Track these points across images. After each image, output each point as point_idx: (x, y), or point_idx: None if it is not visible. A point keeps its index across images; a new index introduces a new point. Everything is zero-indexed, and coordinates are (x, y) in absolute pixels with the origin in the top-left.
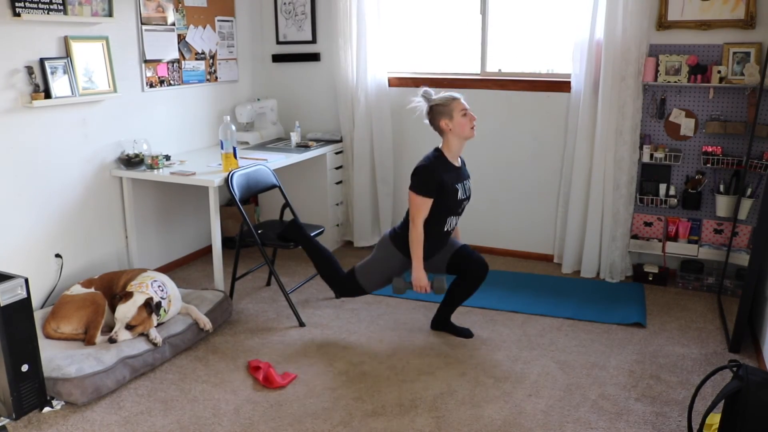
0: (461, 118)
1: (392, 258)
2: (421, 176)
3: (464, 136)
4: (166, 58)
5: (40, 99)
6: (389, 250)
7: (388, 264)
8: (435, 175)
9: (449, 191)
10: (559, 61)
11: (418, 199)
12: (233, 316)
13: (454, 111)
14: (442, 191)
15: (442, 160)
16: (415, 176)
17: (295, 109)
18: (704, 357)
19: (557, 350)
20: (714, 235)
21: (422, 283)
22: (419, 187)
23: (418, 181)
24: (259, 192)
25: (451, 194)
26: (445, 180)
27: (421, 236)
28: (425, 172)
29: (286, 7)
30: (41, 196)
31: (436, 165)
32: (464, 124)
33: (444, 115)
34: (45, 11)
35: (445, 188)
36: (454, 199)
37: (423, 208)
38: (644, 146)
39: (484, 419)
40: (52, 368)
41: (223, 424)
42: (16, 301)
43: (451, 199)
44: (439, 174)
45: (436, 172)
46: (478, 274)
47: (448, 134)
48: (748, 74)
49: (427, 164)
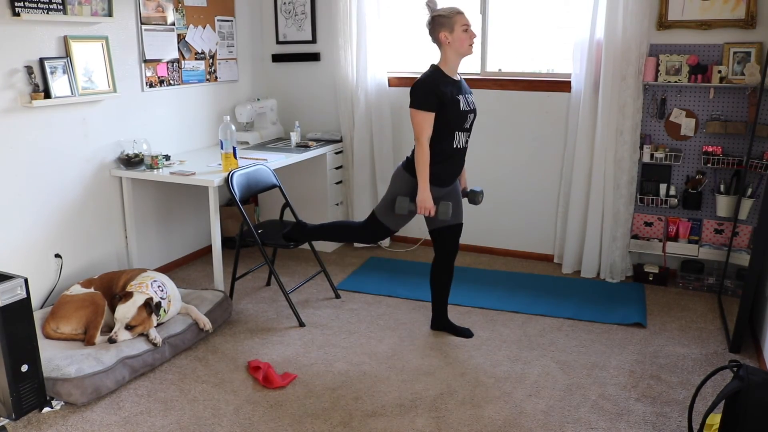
0: (462, 33)
1: (408, 185)
2: (420, 90)
3: (462, 51)
4: (165, 57)
5: (39, 99)
6: (404, 179)
7: (405, 194)
8: (433, 88)
9: (450, 102)
10: (559, 61)
11: (419, 115)
12: (233, 316)
13: (456, 24)
14: (443, 104)
15: (439, 74)
16: (414, 92)
17: (294, 108)
18: (705, 357)
19: (557, 350)
20: (714, 235)
21: (427, 205)
22: (419, 102)
23: (416, 97)
24: (259, 192)
25: (453, 105)
26: (444, 92)
27: (426, 156)
28: (423, 86)
29: (286, 6)
30: (41, 195)
31: (434, 78)
32: (464, 39)
33: (445, 27)
34: (44, 11)
35: (445, 100)
36: (456, 110)
37: (426, 124)
38: (644, 146)
39: (484, 419)
40: (52, 368)
41: (223, 424)
42: (16, 301)
43: (453, 110)
44: (437, 86)
45: (434, 85)
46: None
47: (446, 48)
48: (748, 74)
49: (424, 78)
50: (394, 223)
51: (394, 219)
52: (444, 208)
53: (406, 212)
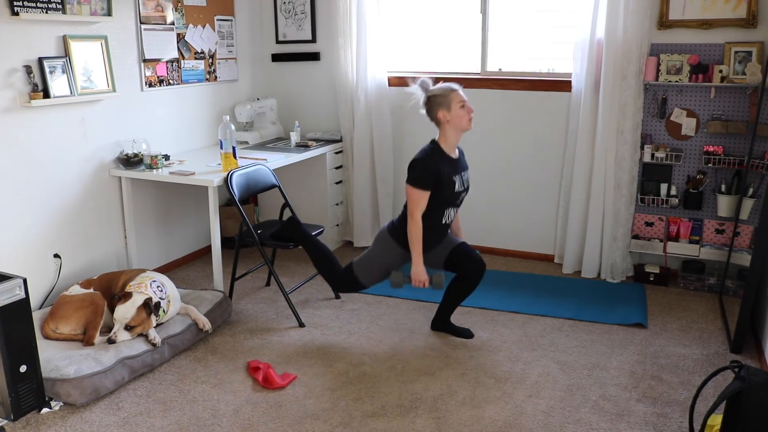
0: (459, 110)
1: (391, 251)
2: (418, 169)
3: (462, 128)
4: (165, 57)
5: (38, 98)
6: (388, 244)
7: (386, 258)
8: (431, 168)
9: (446, 183)
10: (559, 61)
11: (415, 193)
12: (232, 316)
13: (452, 102)
14: (439, 184)
15: (439, 153)
16: (412, 169)
17: (294, 108)
18: (706, 358)
19: (558, 351)
20: (715, 235)
21: (421, 278)
22: (416, 180)
23: (414, 175)
24: (258, 192)
25: (449, 186)
26: (442, 172)
27: (419, 230)
28: (421, 165)
29: (286, 6)
30: (40, 195)
31: (433, 157)
32: (462, 116)
33: (442, 107)
34: (43, 10)
35: (442, 180)
36: (451, 191)
37: (421, 201)
38: (645, 146)
39: (484, 420)
40: (51, 369)
41: (223, 425)
42: (15, 301)
43: (448, 191)
44: (435, 166)
45: (432, 165)
46: (476, 272)
47: (446, 126)
48: (749, 73)
49: (423, 157)
50: (367, 281)
51: (368, 277)
52: (437, 280)
53: (401, 286)
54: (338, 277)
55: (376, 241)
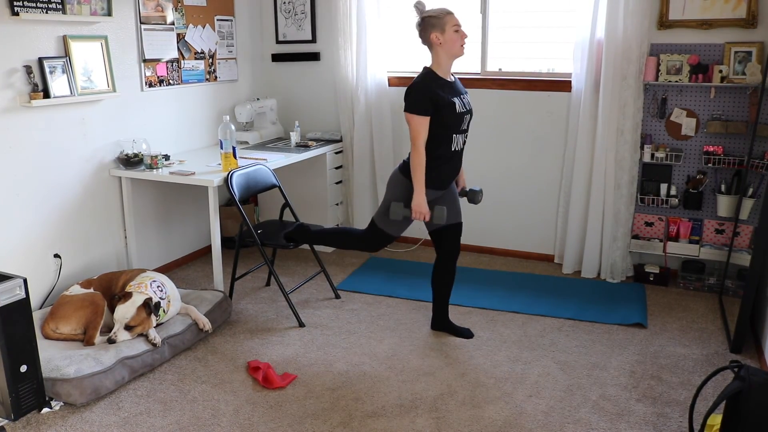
0: (453, 34)
1: (406, 190)
2: (414, 94)
3: (454, 52)
4: (165, 57)
5: (38, 98)
6: (401, 183)
7: (404, 198)
8: (427, 91)
9: (446, 105)
10: (559, 61)
11: (415, 119)
12: (233, 316)
13: (447, 25)
14: (439, 106)
15: (433, 76)
16: (408, 96)
17: (294, 108)
18: (705, 357)
19: (558, 351)
20: (715, 235)
21: (422, 209)
22: (413, 106)
23: (411, 101)
24: (258, 192)
25: (449, 108)
26: (439, 94)
27: (423, 160)
28: (417, 89)
29: (286, 6)
30: (40, 195)
31: (427, 81)
32: (455, 39)
33: (436, 28)
34: (43, 10)
35: (441, 103)
36: (452, 112)
37: (422, 128)
38: (645, 146)
39: (484, 420)
40: (51, 369)
41: (223, 424)
42: (15, 301)
43: (449, 113)
44: (431, 89)
45: (427, 88)
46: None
47: (438, 49)
48: (749, 74)
49: (417, 82)
50: (394, 229)
51: (393, 224)
52: (439, 213)
53: (401, 218)
54: (366, 239)
55: (390, 184)
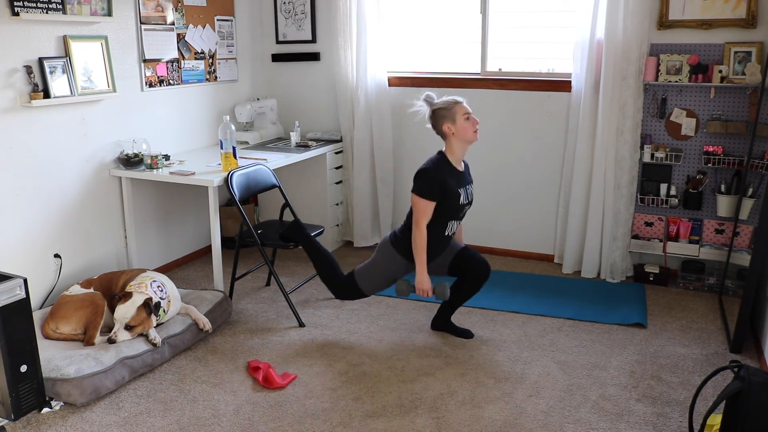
0: (464, 122)
1: (393, 262)
2: (424, 179)
3: (467, 140)
4: (165, 57)
5: (39, 98)
6: (390, 254)
7: (389, 268)
8: (438, 179)
9: (451, 195)
10: (559, 61)
11: (421, 203)
12: (233, 316)
13: (457, 115)
14: (445, 195)
15: (445, 164)
16: (418, 179)
17: (294, 108)
18: (705, 357)
19: (558, 351)
20: (715, 235)
21: (425, 287)
22: (422, 190)
23: (421, 185)
24: (258, 192)
25: (453, 198)
26: (448, 183)
27: (424, 240)
28: (428, 175)
29: (286, 6)
30: (40, 195)
31: (439, 168)
32: (467, 128)
33: (446, 119)
34: (44, 10)
35: (447, 192)
36: (456, 203)
37: (427, 211)
38: (645, 146)
39: (484, 420)
40: (51, 369)
41: (223, 424)
42: (15, 301)
43: (453, 203)
44: (442, 177)
45: (439, 176)
46: (480, 275)
47: (451, 138)
48: (749, 74)
49: (430, 167)
50: (369, 290)
51: (370, 285)
52: (441, 290)
53: (407, 295)
54: (340, 284)
55: (379, 251)
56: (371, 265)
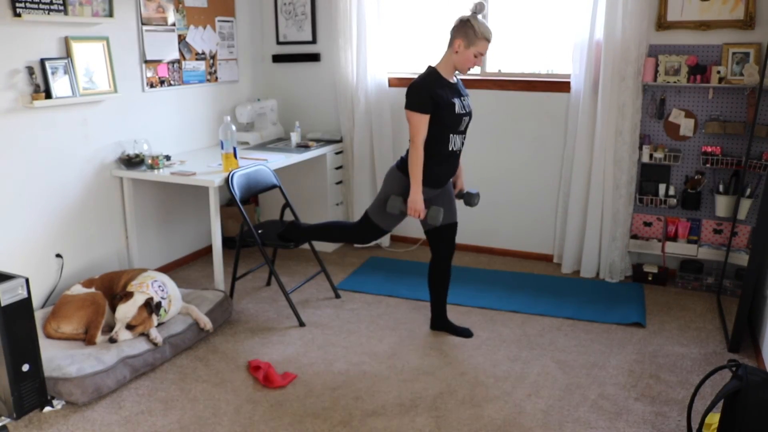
0: (471, 56)
1: (401, 185)
2: (415, 92)
3: (460, 68)
4: (166, 58)
5: (40, 99)
6: (397, 179)
7: (400, 193)
8: (429, 90)
9: (446, 105)
10: (558, 62)
11: (415, 117)
12: (233, 316)
13: (474, 45)
14: (439, 107)
15: (435, 76)
16: (409, 94)
17: (295, 109)
18: (704, 357)
19: (557, 350)
20: (713, 235)
21: (418, 207)
22: (414, 103)
23: (412, 98)
24: (259, 192)
25: (448, 108)
26: (439, 94)
27: (421, 157)
28: (418, 87)
29: (286, 7)
30: (42, 196)
31: (429, 80)
32: (468, 60)
33: (465, 38)
34: (45, 11)
35: (440, 102)
36: (452, 113)
37: (421, 126)
38: (644, 146)
39: (484, 419)
40: (53, 368)
41: (224, 423)
42: (17, 301)
43: (448, 113)
44: (432, 88)
45: (429, 87)
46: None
47: (451, 54)
48: (747, 74)
49: (419, 81)
50: (386, 223)
51: (386, 219)
52: (434, 213)
53: (397, 212)
54: (358, 231)
55: (386, 180)
56: (381, 197)
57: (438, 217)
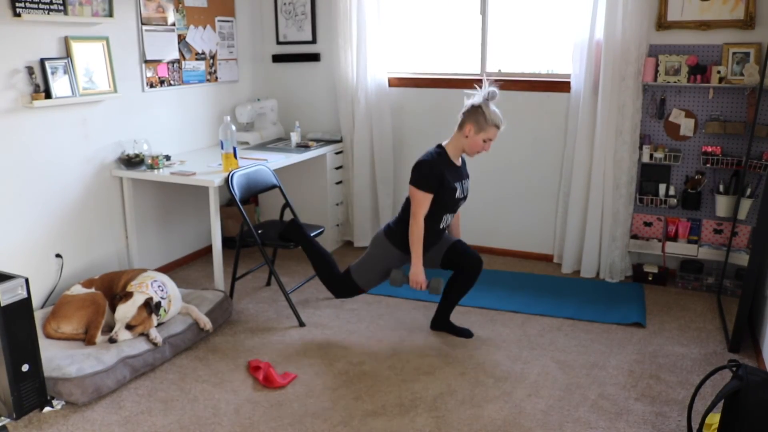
0: (481, 141)
1: (388, 254)
2: (423, 171)
3: (468, 151)
4: (166, 58)
5: (40, 99)
6: (385, 247)
7: (384, 261)
8: (436, 171)
9: (448, 189)
10: (558, 62)
11: (419, 194)
12: (233, 316)
13: (485, 132)
14: (441, 188)
15: (444, 157)
16: (417, 171)
17: (295, 109)
18: (704, 357)
19: (557, 350)
20: (713, 235)
21: (419, 279)
22: (420, 182)
23: (419, 176)
24: (259, 192)
25: (450, 192)
26: (445, 176)
27: (421, 231)
28: (427, 167)
29: (286, 7)
30: (42, 196)
31: (438, 161)
32: (477, 145)
33: (476, 124)
34: (45, 11)
35: (444, 185)
36: (452, 197)
37: (424, 203)
38: (644, 146)
39: (484, 419)
40: (53, 368)
41: (223, 424)
42: (17, 301)
43: (448, 196)
44: (440, 170)
45: (437, 168)
46: (474, 268)
47: (460, 137)
48: (747, 74)
49: (428, 159)
50: (366, 284)
51: (367, 280)
52: (435, 284)
53: (400, 285)
54: (337, 282)
55: (373, 244)
56: (366, 259)
57: (439, 288)
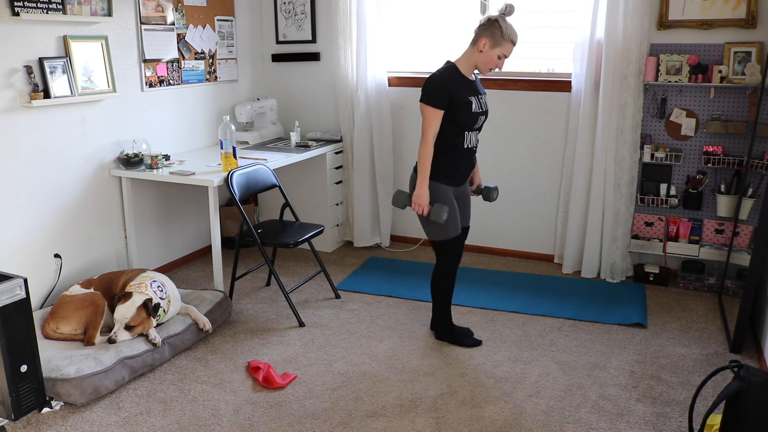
0: (495, 57)
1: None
2: (432, 86)
3: (481, 68)
4: (165, 57)
5: (39, 99)
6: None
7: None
8: (446, 86)
9: (462, 102)
10: (559, 61)
11: (428, 111)
12: (233, 316)
13: (500, 47)
14: (455, 104)
15: (454, 72)
16: (426, 87)
17: (294, 108)
18: (705, 357)
19: (558, 351)
20: (715, 235)
21: (422, 201)
22: (429, 97)
23: (428, 92)
24: (258, 192)
25: (465, 106)
26: (457, 91)
27: (430, 151)
28: (436, 82)
29: (286, 6)
30: (40, 195)
31: (448, 76)
32: (492, 61)
33: (491, 39)
34: (44, 11)
35: (457, 99)
36: (468, 111)
37: (434, 120)
38: (645, 146)
39: (484, 420)
40: (51, 369)
41: (223, 424)
42: (15, 301)
43: (465, 111)
44: (450, 84)
45: (447, 83)
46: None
47: (474, 52)
48: (749, 74)
49: (439, 75)
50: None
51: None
52: (437, 210)
53: (402, 206)
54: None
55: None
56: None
57: (440, 214)
